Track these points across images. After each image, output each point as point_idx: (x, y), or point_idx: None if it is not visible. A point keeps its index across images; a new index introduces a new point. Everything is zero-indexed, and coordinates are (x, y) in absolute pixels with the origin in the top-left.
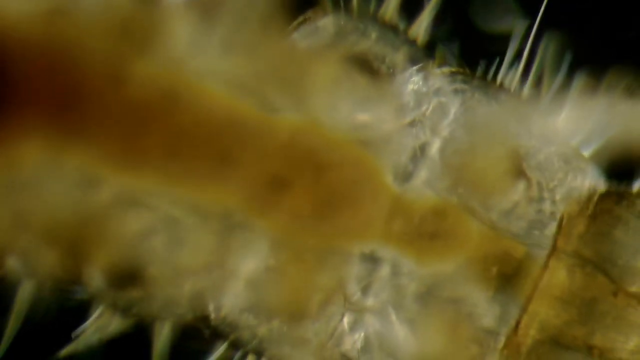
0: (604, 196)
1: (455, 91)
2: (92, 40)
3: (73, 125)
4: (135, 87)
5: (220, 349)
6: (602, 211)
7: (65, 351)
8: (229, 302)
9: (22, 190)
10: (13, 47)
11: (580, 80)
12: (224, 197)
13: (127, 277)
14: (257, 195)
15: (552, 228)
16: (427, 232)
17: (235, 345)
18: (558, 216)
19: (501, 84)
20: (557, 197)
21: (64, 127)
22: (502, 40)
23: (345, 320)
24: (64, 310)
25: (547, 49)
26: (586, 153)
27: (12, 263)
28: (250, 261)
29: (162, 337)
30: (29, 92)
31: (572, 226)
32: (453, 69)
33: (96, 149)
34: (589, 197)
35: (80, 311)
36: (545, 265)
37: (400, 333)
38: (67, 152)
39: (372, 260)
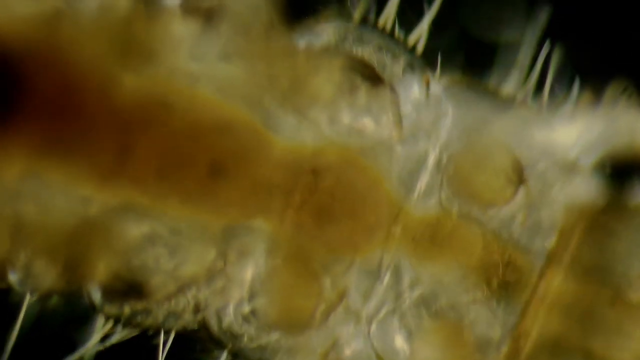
0: (603, 208)
1: (456, 100)
2: (91, 49)
3: (69, 137)
4: (134, 97)
5: (223, 357)
6: (600, 222)
7: None
8: (231, 312)
9: (19, 202)
10: (11, 54)
11: (581, 90)
12: (224, 208)
13: (128, 289)
14: (257, 206)
15: (551, 238)
16: (429, 240)
17: (237, 355)
18: (557, 226)
19: (502, 94)
20: (557, 207)
21: (58, 138)
22: (505, 49)
23: (347, 329)
24: (67, 319)
25: (549, 58)
26: (586, 164)
27: (13, 277)
28: (252, 271)
29: (165, 346)
30: (28, 100)
31: (570, 236)
32: (453, 78)
33: (94, 161)
34: (588, 208)
35: (84, 319)
36: (544, 274)
37: (402, 341)
38: (63, 163)
39: (374, 269)
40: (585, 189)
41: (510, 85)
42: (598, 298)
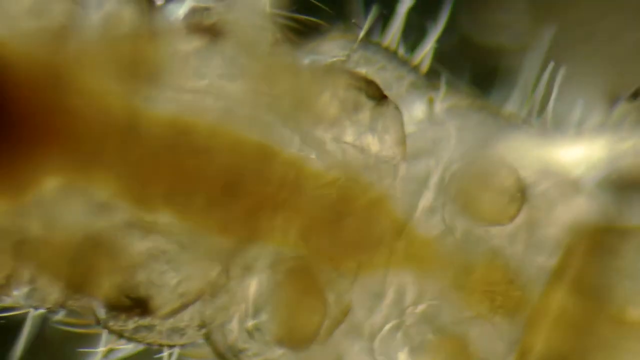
0: (606, 227)
1: (459, 120)
2: (95, 66)
3: (73, 155)
4: (138, 115)
5: None
6: (603, 241)
7: None
8: (235, 327)
9: (26, 220)
10: (16, 81)
11: (586, 109)
12: (228, 224)
13: (132, 305)
14: (260, 223)
15: (554, 256)
16: (432, 257)
17: None
18: (560, 244)
19: (506, 113)
20: (560, 226)
21: (62, 156)
22: (509, 64)
23: (352, 345)
24: (71, 333)
25: (554, 76)
26: (590, 183)
27: (17, 292)
28: (256, 287)
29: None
30: (32, 124)
31: (573, 254)
32: (457, 98)
33: (102, 180)
34: (591, 227)
35: (88, 334)
36: (547, 291)
37: (406, 357)
38: (74, 182)
39: (377, 285)
40: (589, 208)
41: (514, 103)
42: (600, 315)
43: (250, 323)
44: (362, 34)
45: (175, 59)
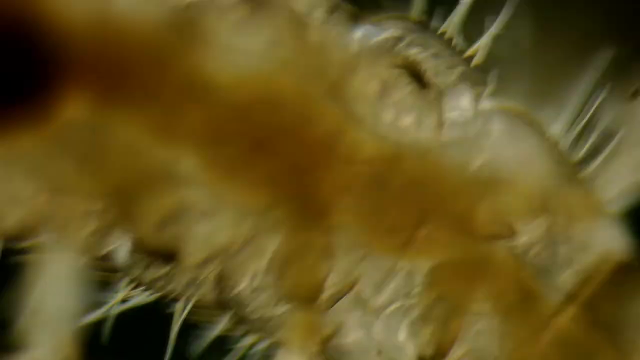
0: (625, 263)
1: (501, 123)
2: (142, 19)
3: (120, 97)
4: (180, 71)
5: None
6: (622, 279)
7: (86, 321)
8: (246, 281)
9: (70, 152)
10: (63, 27)
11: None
12: (261, 182)
13: (157, 253)
14: (291, 184)
15: (570, 276)
16: (447, 254)
17: (243, 323)
18: (577, 266)
19: (550, 132)
20: (583, 248)
21: (111, 98)
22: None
23: (354, 317)
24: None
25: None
26: (615, 210)
27: (47, 233)
28: (275, 245)
29: (181, 315)
30: (80, 66)
31: (589, 282)
32: (505, 100)
33: (143, 121)
34: (616, 259)
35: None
36: (556, 308)
37: (405, 339)
38: (113, 120)
39: (390, 264)
40: (614, 236)
41: (559, 124)
42: (600, 352)
43: (261, 278)
44: (419, 18)
45: (223, 25)
